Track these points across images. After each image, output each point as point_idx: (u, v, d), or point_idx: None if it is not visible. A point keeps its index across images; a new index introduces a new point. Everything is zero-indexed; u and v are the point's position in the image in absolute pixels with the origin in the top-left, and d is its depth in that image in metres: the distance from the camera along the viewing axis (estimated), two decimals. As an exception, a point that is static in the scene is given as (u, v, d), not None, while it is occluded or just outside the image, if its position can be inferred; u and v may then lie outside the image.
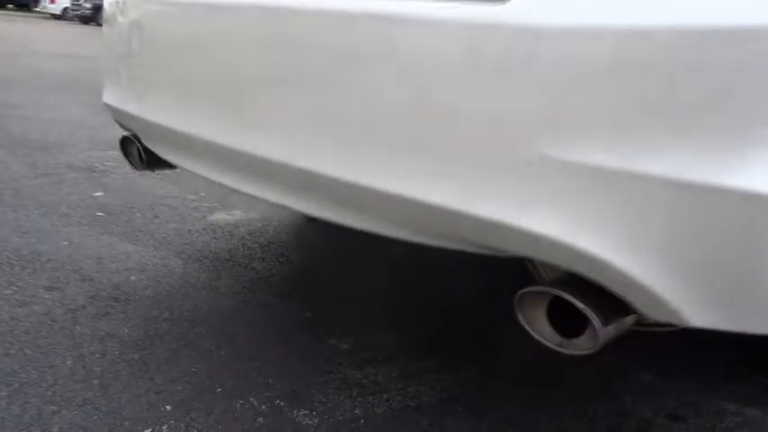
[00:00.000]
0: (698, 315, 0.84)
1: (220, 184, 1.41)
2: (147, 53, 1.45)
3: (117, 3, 1.54)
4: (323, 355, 1.48)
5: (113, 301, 1.67)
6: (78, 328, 1.52)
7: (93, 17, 24.12)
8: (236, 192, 1.38)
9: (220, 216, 2.45)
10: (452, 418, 1.28)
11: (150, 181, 2.87)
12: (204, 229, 2.28)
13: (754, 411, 1.42)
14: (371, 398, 1.33)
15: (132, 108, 1.49)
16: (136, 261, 1.94)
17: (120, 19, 1.53)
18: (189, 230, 2.25)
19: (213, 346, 1.48)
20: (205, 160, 1.38)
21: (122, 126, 1.75)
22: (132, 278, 1.82)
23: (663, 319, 0.88)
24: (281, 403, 1.28)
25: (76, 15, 24.59)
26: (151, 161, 1.71)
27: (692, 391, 1.47)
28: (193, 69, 1.33)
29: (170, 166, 1.80)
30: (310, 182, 1.10)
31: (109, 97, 1.63)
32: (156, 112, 1.40)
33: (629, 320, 0.96)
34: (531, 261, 1.19)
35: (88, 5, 24.55)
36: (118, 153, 3.36)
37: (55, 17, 25.10)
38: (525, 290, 0.97)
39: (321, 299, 1.79)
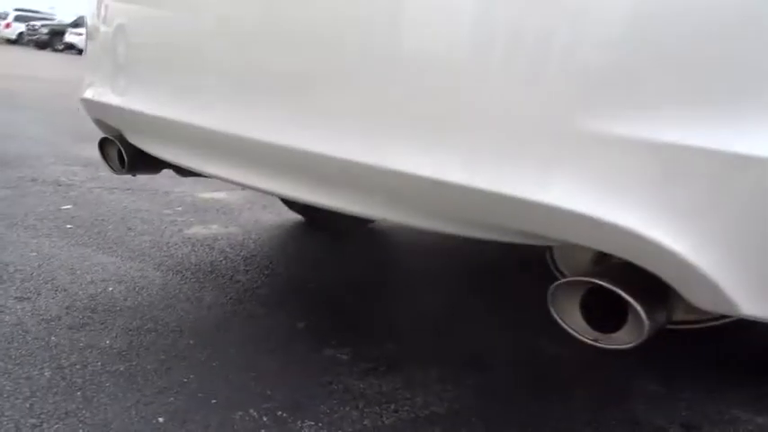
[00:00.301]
0: (752, 303, 0.80)
1: (220, 178, 1.33)
2: (141, 41, 1.37)
3: None
4: (321, 366, 1.39)
5: (91, 311, 1.55)
6: (54, 338, 1.40)
7: (48, 42, 23.70)
8: (240, 186, 1.30)
9: (198, 230, 2.35)
10: (467, 429, 1.21)
11: (120, 196, 2.74)
12: (182, 242, 2.17)
13: (766, 419, 1.38)
14: (378, 408, 1.24)
15: (122, 101, 1.40)
16: (112, 272, 1.82)
17: (109, 7, 1.45)
18: (166, 243, 2.14)
19: (204, 357, 1.38)
20: (205, 152, 1.30)
21: (102, 126, 1.65)
22: (110, 289, 1.70)
23: (712, 308, 0.84)
24: (284, 414, 1.19)
25: (32, 40, 24.14)
26: (133, 163, 1.62)
27: (701, 399, 1.43)
28: (192, 53, 1.26)
29: (151, 169, 1.72)
30: (332, 170, 1.03)
31: (92, 92, 1.53)
32: (151, 102, 1.32)
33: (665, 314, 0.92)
34: (552, 256, 1.14)
35: (44, 31, 24.14)
36: (83, 168, 3.25)
37: (10, 42, 24.58)
38: (560, 282, 0.92)
39: (312, 310, 1.70)
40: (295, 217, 2.63)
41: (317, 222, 2.59)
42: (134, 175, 1.75)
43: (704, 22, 0.76)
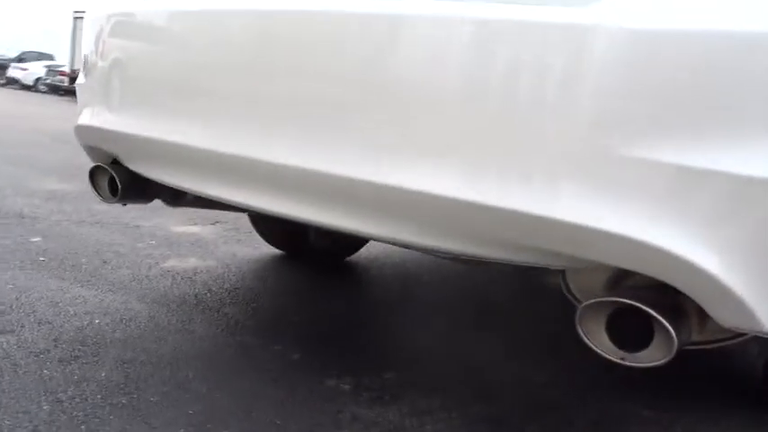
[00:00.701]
0: (775, 320, 0.85)
1: (224, 200, 1.32)
2: (144, 67, 1.37)
3: (108, 17, 1.46)
4: (326, 396, 1.38)
5: (80, 344, 1.50)
6: (46, 371, 1.34)
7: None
8: (248, 209, 1.29)
9: (175, 263, 2.30)
10: (482, 454, 1.21)
11: (90, 229, 2.67)
12: (162, 275, 2.12)
13: (756, 442, 1.43)
14: (391, 436, 1.24)
15: (124, 126, 1.38)
16: (95, 305, 1.77)
17: (106, 42, 1.45)
18: (146, 276, 2.09)
19: (205, 389, 1.35)
20: (215, 176, 1.29)
21: (95, 153, 1.62)
22: (96, 321, 1.65)
23: (737, 325, 0.88)
24: (299, 444, 1.17)
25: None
26: (125, 192, 1.59)
27: (693, 424, 1.47)
28: (194, 80, 1.28)
29: (143, 198, 1.70)
30: (355, 192, 1.05)
31: (90, 119, 1.51)
32: (156, 126, 1.31)
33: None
34: (565, 281, 1.17)
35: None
36: (46, 201, 3.16)
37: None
38: (588, 303, 0.95)
39: (304, 341, 1.69)
40: (271, 251, 2.61)
41: (296, 256, 2.58)
42: (124, 204, 1.71)
43: (718, 54, 0.82)
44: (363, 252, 2.69)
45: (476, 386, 1.52)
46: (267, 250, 2.60)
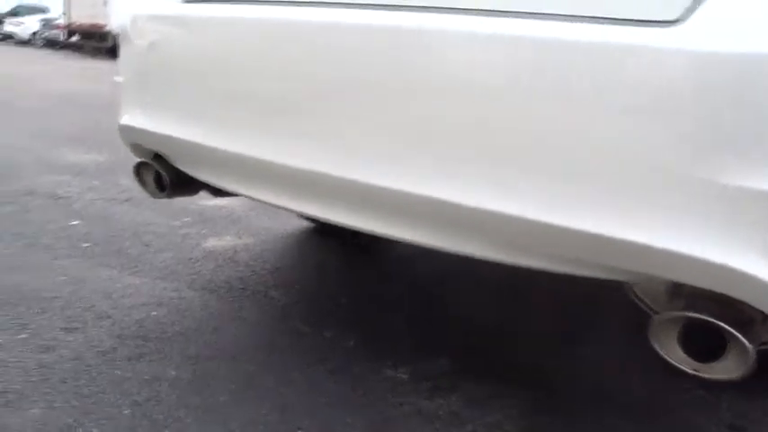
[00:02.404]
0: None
1: (284, 209, 1.35)
2: (193, 71, 1.37)
3: (152, 17, 1.45)
4: (386, 387, 1.43)
5: (143, 340, 1.55)
6: (118, 372, 1.39)
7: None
8: (307, 216, 1.31)
9: (214, 242, 2.33)
10: (545, 445, 1.27)
11: (123, 207, 2.70)
12: (204, 257, 2.16)
13: (800, 418, 1.48)
14: (455, 430, 1.29)
15: (175, 130, 1.39)
16: (148, 295, 1.81)
17: (157, 34, 1.44)
18: (189, 259, 2.13)
19: (271, 384, 1.40)
20: (266, 183, 1.31)
21: (139, 150, 1.63)
22: (153, 314, 1.69)
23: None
24: (371, 441, 1.23)
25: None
26: (175, 187, 1.60)
27: (739, 402, 1.52)
28: (249, 86, 1.27)
29: (189, 192, 1.71)
30: (426, 209, 1.07)
31: (135, 119, 1.51)
32: (209, 133, 1.32)
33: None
34: (635, 293, 1.19)
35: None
36: (74, 177, 3.17)
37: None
38: (659, 316, 0.98)
39: (354, 326, 1.73)
40: (301, 224, 2.64)
41: (327, 229, 2.60)
42: (170, 198, 1.73)
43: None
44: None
45: (527, 373, 1.56)
46: (297, 223, 2.63)
